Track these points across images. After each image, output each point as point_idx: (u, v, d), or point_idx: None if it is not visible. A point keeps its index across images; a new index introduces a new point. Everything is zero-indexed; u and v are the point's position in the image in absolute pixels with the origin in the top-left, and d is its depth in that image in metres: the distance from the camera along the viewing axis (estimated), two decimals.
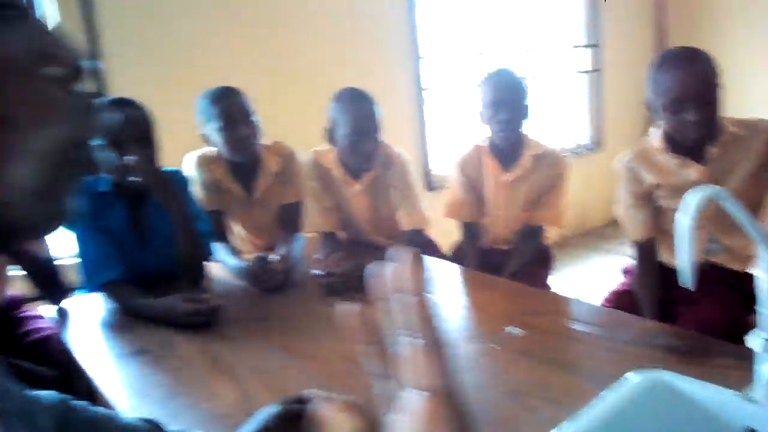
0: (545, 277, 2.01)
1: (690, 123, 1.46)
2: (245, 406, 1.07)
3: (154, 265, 1.72)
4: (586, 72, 4.70)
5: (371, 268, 0.40)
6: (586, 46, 4.66)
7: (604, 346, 1.21)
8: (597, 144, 4.71)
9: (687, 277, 0.86)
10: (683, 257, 0.86)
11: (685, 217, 0.84)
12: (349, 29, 3.35)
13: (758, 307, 0.87)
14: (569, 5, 4.58)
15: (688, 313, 1.53)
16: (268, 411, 0.91)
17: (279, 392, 1.04)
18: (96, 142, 0.89)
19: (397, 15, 3.54)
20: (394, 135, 2.52)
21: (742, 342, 0.91)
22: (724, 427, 0.91)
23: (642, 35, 4.98)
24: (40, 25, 0.33)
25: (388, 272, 0.39)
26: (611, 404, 0.92)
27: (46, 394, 0.58)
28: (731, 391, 0.92)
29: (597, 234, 4.46)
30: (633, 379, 0.97)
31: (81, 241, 1.61)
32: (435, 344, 0.38)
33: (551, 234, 2.09)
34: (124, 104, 1.59)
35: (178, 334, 1.43)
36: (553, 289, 1.91)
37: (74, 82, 0.34)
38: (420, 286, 0.40)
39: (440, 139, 3.82)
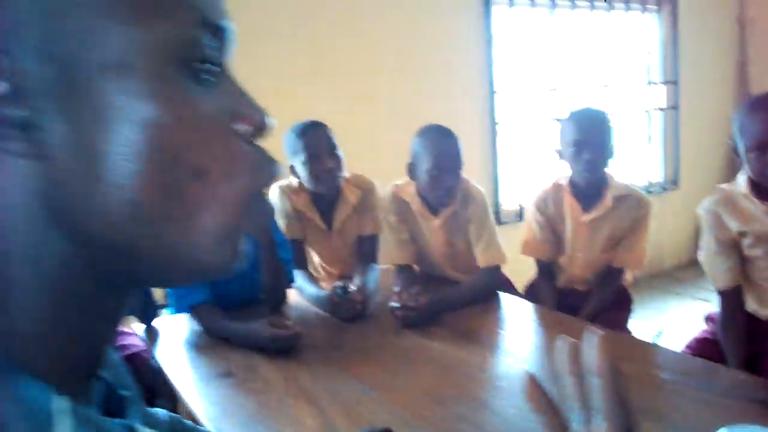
0: (624, 321, 1.96)
1: None
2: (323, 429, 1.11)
3: (238, 290, 1.79)
4: (662, 109, 4.61)
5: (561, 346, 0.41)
6: (663, 83, 4.58)
7: (691, 396, 1.18)
8: (672, 183, 4.59)
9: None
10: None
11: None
12: (427, 63, 3.43)
13: None
14: (646, 41, 4.53)
15: None
16: None
17: (358, 422, 1.07)
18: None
19: (474, 50, 3.60)
20: (466, 168, 2.55)
21: None
22: None
23: (721, 73, 4.86)
24: (234, 85, 0.38)
25: (575, 349, 0.40)
26: None
27: (161, 412, 0.63)
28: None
29: (671, 276, 4.31)
30: None
31: None
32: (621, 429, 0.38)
33: (628, 276, 2.04)
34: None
35: (261, 357, 1.48)
36: (633, 334, 1.87)
37: (259, 137, 0.38)
38: (608, 367, 0.40)
39: (511, 174, 3.82)
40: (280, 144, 1.94)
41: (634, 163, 4.48)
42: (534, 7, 3.80)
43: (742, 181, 1.59)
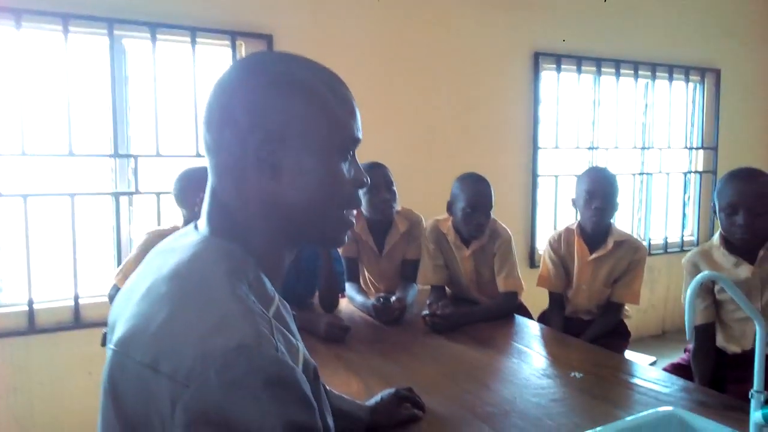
0: (621, 349, 2.30)
1: (738, 226, 1.79)
2: (366, 393, 1.52)
3: (302, 291, 2.25)
4: (700, 172, 4.89)
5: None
6: (702, 148, 4.87)
7: (648, 393, 1.53)
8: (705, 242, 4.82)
9: (689, 333, 1.22)
10: (687, 319, 1.22)
11: (689, 291, 1.21)
12: (479, 120, 3.88)
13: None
14: (688, 108, 4.85)
15: (735, 390, 1.79)
16: (385, 391, 1.38)
17: (390, 386, 1.48)
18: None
19: (522, 110, 4.04)
20: (508, 214, 2.97)
21: None
22: None
23: (759, 139, 5.13)
24: (355, 160, 0.84)
25: None
26: (629, 423, 1.28)
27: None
28: (730, 428, 1.24)
29: None
30: (657, 412, 1.31)
31: None
32: None
33: (630, 313, 2.39)
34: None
35: (318, 341, 1.92)
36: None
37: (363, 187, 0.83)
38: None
39: (548, 221, 4.18)
40: None
41: (672, 221, 4.76)
42: (580, 74, 4.20)
43: (716, 237, 1.94)
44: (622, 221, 4.52)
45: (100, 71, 2.91)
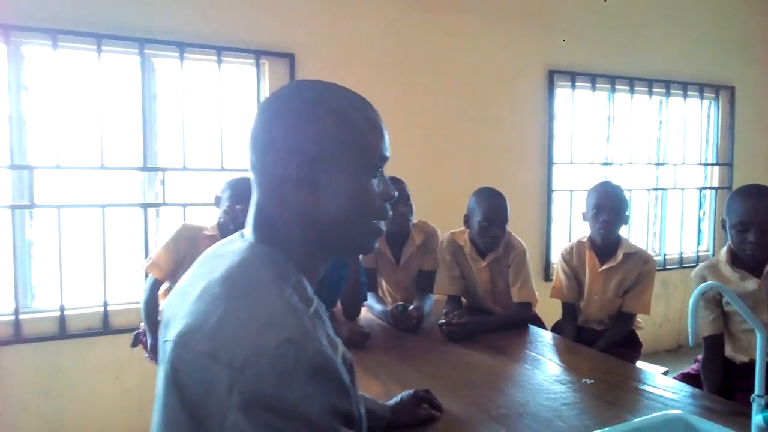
0: (633, 359, 2.35)
1: (749, 243, 1.85)
2: (385, 395, 1.60)
3: (324, 300, 2.33)
4: (715, 188, 4.93)
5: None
6: (718, 164, 4.91)
7: (657, 399, 1.60)
8: None
9: (692, 338, 1.29)
10: (690, 325, 1.29)
11: (692, 299, 1.28)
12: (496, 136, 3.97)
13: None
14: (703, 125, 4.91)
15: (743, 398, 1.85)
16: (405, 392, 1.46)
17: (408, 389, 1.56)
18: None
19: (538, 126, 4.13)
20: (524, 227, 3.04)
21: None
22: None
23: None
24: (383, 175, 0.93)
25: None
26: (636, 424, 1.35)
27: None
28: (729, 429, 1.31)
29: None
30: (664, 415, 1.38)
31: None
32: None
33: (642, 324, 2.45)
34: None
35: None
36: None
37: (391, 201, 0.92)
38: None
39: (563, 236, 4.24)
40: None
41: (687, 236, 4.79)
42: (594, 90, 4.29)
43: (724, 251, 2.01)
44: (638, 236, 4.57)
45: (131, 88, 3.05)
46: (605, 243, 2.34)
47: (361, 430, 0.78)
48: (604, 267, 2.34)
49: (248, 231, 0.90)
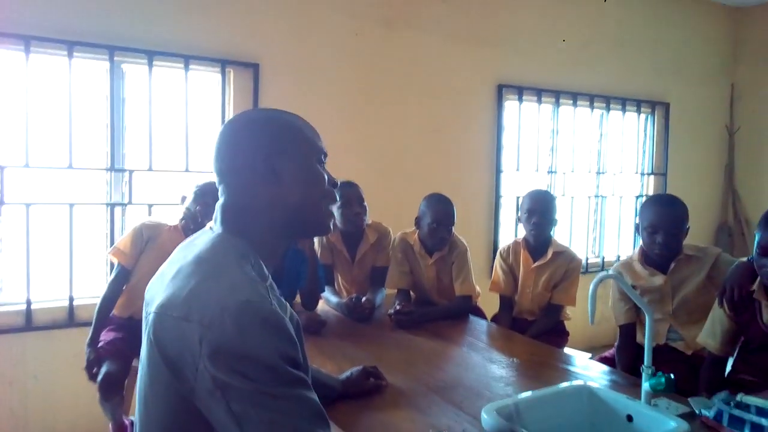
0: (560, 346, 2.62)
1: (657, 244, 2.14)
2: (338, 373, 1.80)
3: (284, 292, 2.53)
4: (650, 196, 5.30)
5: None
6: (653, 174, 5.30)
7: (574, 375, 1.86)
8: None
9: (591, 318, 1.55)
10: (590, 306, 1.55)
11: (591, 286, 1.54)
12: (447, 144, 4.24)
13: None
14: (640, 136, 5.29)
15: None
16: (355, 368, 1.68)
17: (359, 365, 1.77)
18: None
19: (486, 136, 4.41)
20: (473, 230, 3.29)
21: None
22: (614, 413, 1.55)
23: (708, 170, 5.62)
24: (325, 168, 1.15)
25: None
26: (546, 392, 1.60)
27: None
28: (625, 396, 1.57)
29: None
30: (571, 385, 1.64)
31: None
32: None
33: (567, 314, 2.75)
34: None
35: None
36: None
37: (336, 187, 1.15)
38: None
39: (509, 238, 4.52)
40: None
41: (624, 240, 5.16)
42: (540, 104, 4.60)
43: (636, 251, 2.30)
44: (579, 239, 4.90)
45: (100, 92, 3.19)
46: (537, 243, 2.62)
47: (306, 374, 0.99)
48: (536, 264, 2.62)
49: (216, 225, 1.10)
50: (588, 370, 1.91)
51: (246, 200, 1.08)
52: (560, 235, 4.80)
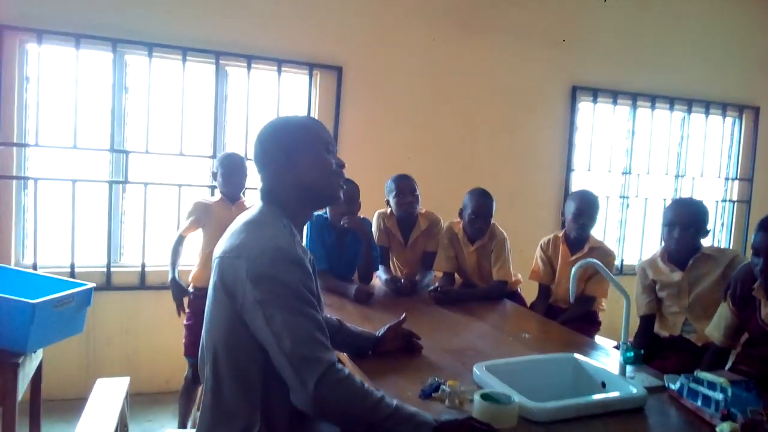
0: (591, 335, 2.83)
1: (674, 239, 2.33)
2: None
3: (344, 269, 2.94)
4: (733, 201, 5.22)
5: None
6: (738, 179, 5.20)
7: (576, 351, 2.10)
8: None
9: (572, 296, 1.81)
10: (572, 288, 1.81)
11: (573, 269, 1.80)
12: (518, 142, 4.47)
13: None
14: (724, 138, 5.19)
15: (661, 364, 2.32)
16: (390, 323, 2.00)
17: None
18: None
19: (559, 135, 4.59)
20: (541, 226, 3.55)
21: None
22: (592, 380, 1.80)
23: None
24: (336, 153, 1.53)
25: None
26: (537, 358, 1.87)
27: None
28: (605, 368, 1.81)
29: None
30: (560, 355, 1.90)
31: (310, 239, 2.86)
32: None
33: (605, 306, 2.94)
34: (348, 182, 2.88)
35: (350, 304, 2.60)
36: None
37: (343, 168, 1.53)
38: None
39: None
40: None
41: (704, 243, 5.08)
42: (616, 106, 4.68)
43: (660, 249, 2.48)
44: (654, 244, 4.90)
45: (104, 81, 3.56)
46: (578, 239, 2.85)
47: (318, 301, 1.40)
48: (573, 257, 2.85)
49: (259, 200, 1.52)
50: (595, 350, 2.14)
51: (275, 183, 1.49)
52: (632, 237, 4.87)
